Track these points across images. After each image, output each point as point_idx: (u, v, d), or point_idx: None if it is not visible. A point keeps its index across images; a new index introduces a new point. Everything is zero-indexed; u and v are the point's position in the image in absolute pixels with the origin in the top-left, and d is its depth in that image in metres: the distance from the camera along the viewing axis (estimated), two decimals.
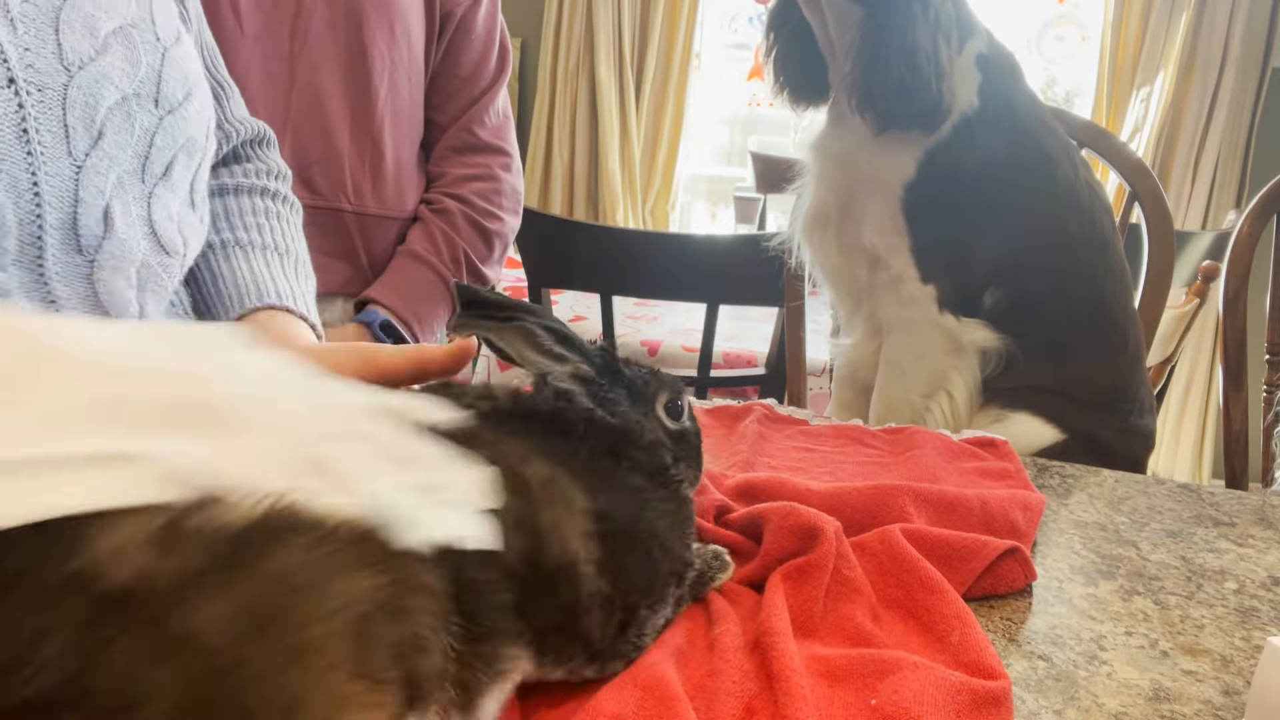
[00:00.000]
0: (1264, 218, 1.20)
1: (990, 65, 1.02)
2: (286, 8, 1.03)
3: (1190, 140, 2.80)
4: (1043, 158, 1.02)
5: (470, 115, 1.18)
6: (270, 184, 0.79)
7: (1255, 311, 1.25)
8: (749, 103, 3.57)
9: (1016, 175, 1.01)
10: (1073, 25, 3.10)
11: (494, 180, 1.19)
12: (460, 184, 1.17)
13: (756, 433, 0.84)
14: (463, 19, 1.15)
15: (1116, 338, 1.05)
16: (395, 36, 1.09)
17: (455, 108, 1.18)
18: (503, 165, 1.20)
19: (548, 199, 3.41)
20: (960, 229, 1.02)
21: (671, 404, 0.51)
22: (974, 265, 1.02)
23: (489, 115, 1.19)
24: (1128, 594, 0.59)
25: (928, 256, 1.02)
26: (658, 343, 1.88)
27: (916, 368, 1.05)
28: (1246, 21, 2.70)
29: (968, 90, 1.00)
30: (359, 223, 1.11)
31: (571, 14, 3.22)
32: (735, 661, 0.43)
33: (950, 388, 1.05)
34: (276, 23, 1.02)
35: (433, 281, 1.12)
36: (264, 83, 1.02)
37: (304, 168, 1.06)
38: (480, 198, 1.17)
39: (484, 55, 1.18)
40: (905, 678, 0.43)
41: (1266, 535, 0.70)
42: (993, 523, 0.62)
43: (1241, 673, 0.51)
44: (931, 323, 1.03)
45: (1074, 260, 1.03)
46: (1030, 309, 1.02)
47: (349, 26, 1.06)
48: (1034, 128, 1.02)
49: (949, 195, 1.00)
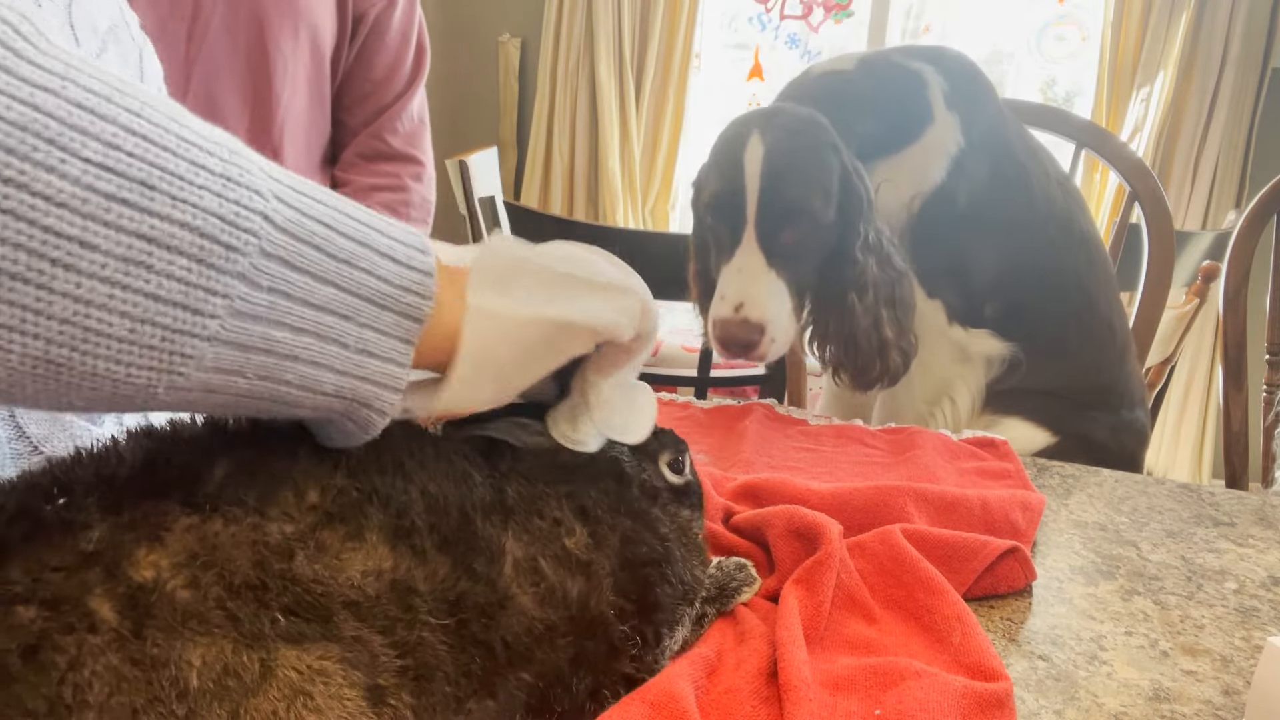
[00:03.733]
0: (1264, 218, 1.20)
1: (959, 96, 0.99)
2: (183, 9, 0.98)
3: (1190, 140, 2.80)
4: (1017, 168, 1.02)
5: (382, 121, 1.15)
6: None
7: (1255, 311, 1.25)
8: (749, 103, 3.57)
9: (998, 193, 1.01)
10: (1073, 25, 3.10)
11: (403, 191, 1.16)
12: (366, 194, 1.13)
13: (757, 433, 0.84)
14: (376, 20, 1.12)
15: (1104, 331, 1.06)
16: (300, 39, 1.05)
17: (366, 112, 1.15)
18: (413, 175, 1.18)
19: (548, 199, 3.41)
20: (957, 251, 1.02)
21: (674, 462, 0.52)
22: (973, 281, 1.03)
23: (402, 121, 1.17)
24: (1128, 594, 0.59)
25: (930, 277, 1.03)
26: (658, 343, 1.88)
27: (923, 378, 1.05)
28: (1246, 21, 2.70)
29: (952, 137, 0.98)
30: None
31: (571, 14, 3.22)
32: (755, 682, 0.44)
33: (954, 394, 1.05)
34: (173, 24, 0.98)
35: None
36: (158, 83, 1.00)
37: None
38: (387, 209, 1.14)
39: (398, 58, 1.15)
40: (909, 687, 0.43)
41: (1266, 535, 0.70)
42: (993, 523, 0.62)
43: (1241, 673, 0.51)
44: (940, 334, 1.04)
45: (1056, 264, 1.03)
46: (1024, 314, 1.03)
47: (250, 29, 1.02)
48: (1007, 140, 1.02)
49: (945, 225, 1.01)
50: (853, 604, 0.52)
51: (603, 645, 0.41)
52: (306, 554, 0.33)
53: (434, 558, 0.36)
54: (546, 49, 3.29)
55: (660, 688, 0.41)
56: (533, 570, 0.39)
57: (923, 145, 0.98)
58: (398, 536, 0.35)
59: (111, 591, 0.29)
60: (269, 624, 0.31)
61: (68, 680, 0.27)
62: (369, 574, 0.34)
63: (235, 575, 0.31)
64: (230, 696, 0.29)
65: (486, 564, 0.37)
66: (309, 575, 0.32)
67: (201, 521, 0.32)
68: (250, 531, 0.32)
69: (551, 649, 0.38)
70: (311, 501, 0.35)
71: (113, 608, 0.29)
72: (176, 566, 0.30)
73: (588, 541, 0.41)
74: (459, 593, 0.36)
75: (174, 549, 0.31)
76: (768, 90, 3.52)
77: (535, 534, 0.40)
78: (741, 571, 0.54)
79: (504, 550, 0.38)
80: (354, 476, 0.37)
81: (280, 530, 0.33)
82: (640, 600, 0.42)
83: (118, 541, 0.30)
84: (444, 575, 0.36)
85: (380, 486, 0.36)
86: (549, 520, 0.41)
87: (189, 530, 0.32)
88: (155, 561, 0.30)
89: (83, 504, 0.31)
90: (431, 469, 0.39)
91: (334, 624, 0.32)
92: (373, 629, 0.33)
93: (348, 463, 0.37)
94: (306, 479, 0.35)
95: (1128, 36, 2.82)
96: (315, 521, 0.34)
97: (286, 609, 0.31)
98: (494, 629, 0.36)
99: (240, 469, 0.35)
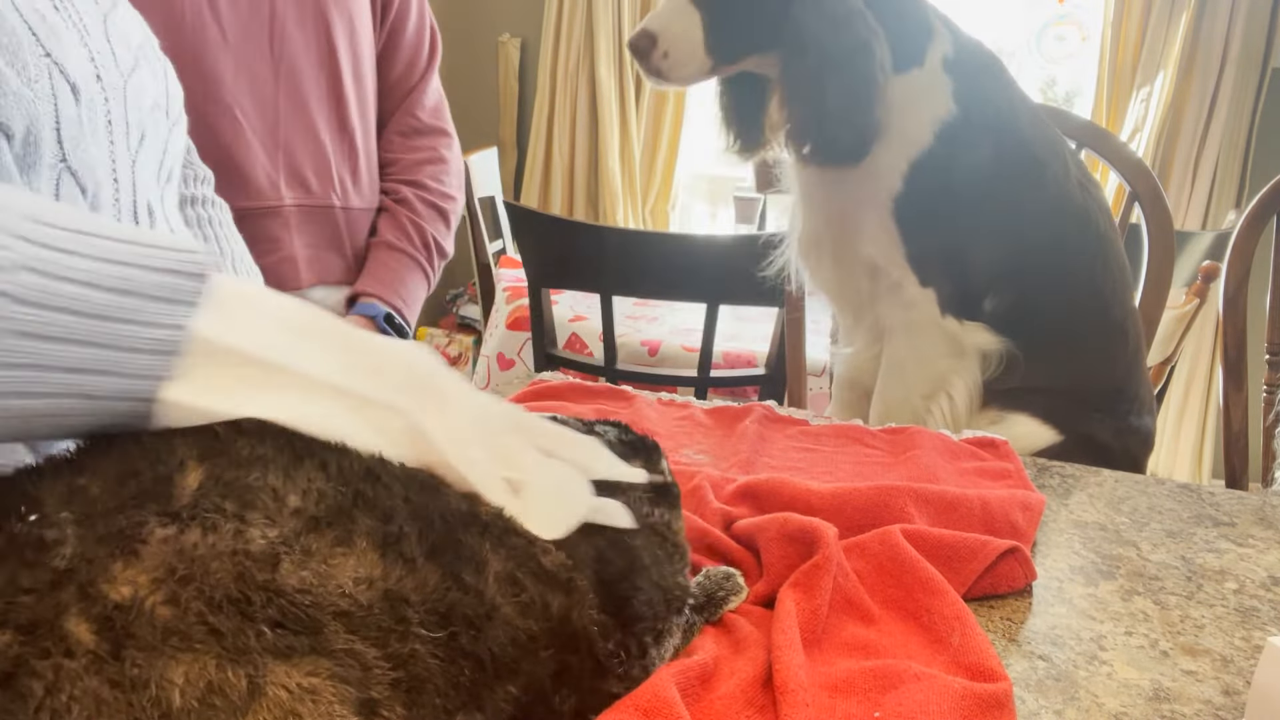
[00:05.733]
0: (1264, 218, 1.20)
1: (961, 67, 1.00)
2: (261, 12, 1.04)
3: (1190, 140, 2.80)
4: (1030, 160, 1.00)
5: (411, 99, 1.24)
6: (199, 190, 0.82)
7: (1255, 311, 1.25)
8: None
9: (1003, 179, 1.00)
10: (1073, 25, 3.10)
11: (443, 162, 1.26)
12: (414, 169, 1.23)
13: (756, 433, 0.84)
14: (400, 7, 1.20)
15: (1116, 335, 1.05)
16: (354, 30, 1.12)
17: (399, 94, 1.24)
18: (446, 145, 1.27)
19: (548, 199, 3.41)
20: (953, 234, 1.01)
21: (650, 464, 0.51)
22: (971, 269, 1.02)
23: (428, 96, 1.26)
24: (1128, 594, 0.59)
25: (924, 262, 1.02)
26: (658, 343, 1.87)
27: (918, 369, 1.05)
28: (1246, 21, 2.70)
29: (942, 98, 0.98)
30: (345, 217, 1.15)
31: (571, 14, 3.22)
32: (750, 690, 0.43)
33: (950, 390, 1.04)
34: (255, 27, 1.03)
35: (410, 268, 1.19)
36: (251, 88, 1.03)
37: (297, 168, 1.08)
38: (434, 180, 1.24)
39: (419, 39, 1.24)
40: (909, 689, 0.43)
41: (1266, 535, 0.70)
42: (993, 523, 0.62)
43: (1241, 673, 0.51)
44: (933, 325, 1.03)
45: (1069, 262, 1.02)
46: (1028, 311, 1.02)
47: (316, 24, 1.08)
48: (1019, 128, 1.01)
49: (938, 202, 1.00)
50: (850, 606, 0.52)
51: (587, 662, 0.40)
52: (292, 560, 0.32)
53: (423, 566, 0.35)
54: (546, 49, 3.29)
55: (651, 693, 0.40)
56: (513, 582, 0.38)
57: (905, 84, 0.98)
58: (387, 543, 0.34)
59: (87, 612, 0.28)
60: (255, 637, 0.30)
61: (45, 706, 0.27)
62: (360, 581, 0.33)
63: (217, 588, 0.30)
64: (217, 717, 0.28)
65: (474, 574, 0.36)
66: (295, 584, 0.31)
67: (179, 533, 0.31)
68: (231, 540, 0.31)
69: (535, 661, 0.38)
70: (294, 505, 0.34)
71: (90, 629, 0.28)
72: (155, 582, 0.30)
73: (564, 561, 0.40)
74: (449, 604, 0.35)
75: (151, 564, 0.30)
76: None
77: (512, 551, 0.39)
78: (729, 580, 0.53)
79: (487, 561, 0.37)
80: (334, 480, 0.35)
81: (264, 536, 0.32)
82: (619, 614, 0.42)
83: (92, 557, 0.29)
84: (434, 585, 0.35)
85: (364, 490, 0.35)
86: (524, 538, 0.40)
87: (165, 542, 0.31)
88: (132, 578, 0.30)
89: (55, 519, 0.30)
90: (404, 478, 0.38)
91: (324, 636, 0.31)
92: (366, 640, 0.32)
93: (324, 468, 0.36)
94: (285, 482, 0.34)
95: (1128, 36, 2.82)
96: (300, 526, 0.33)
97: (273, 621, 0.30)
98: (482, 640, 0.36)
99: (214, 474, 0.33)
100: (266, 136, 1.05)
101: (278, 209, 1.06)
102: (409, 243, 1.18)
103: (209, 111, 1.00)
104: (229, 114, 1.01)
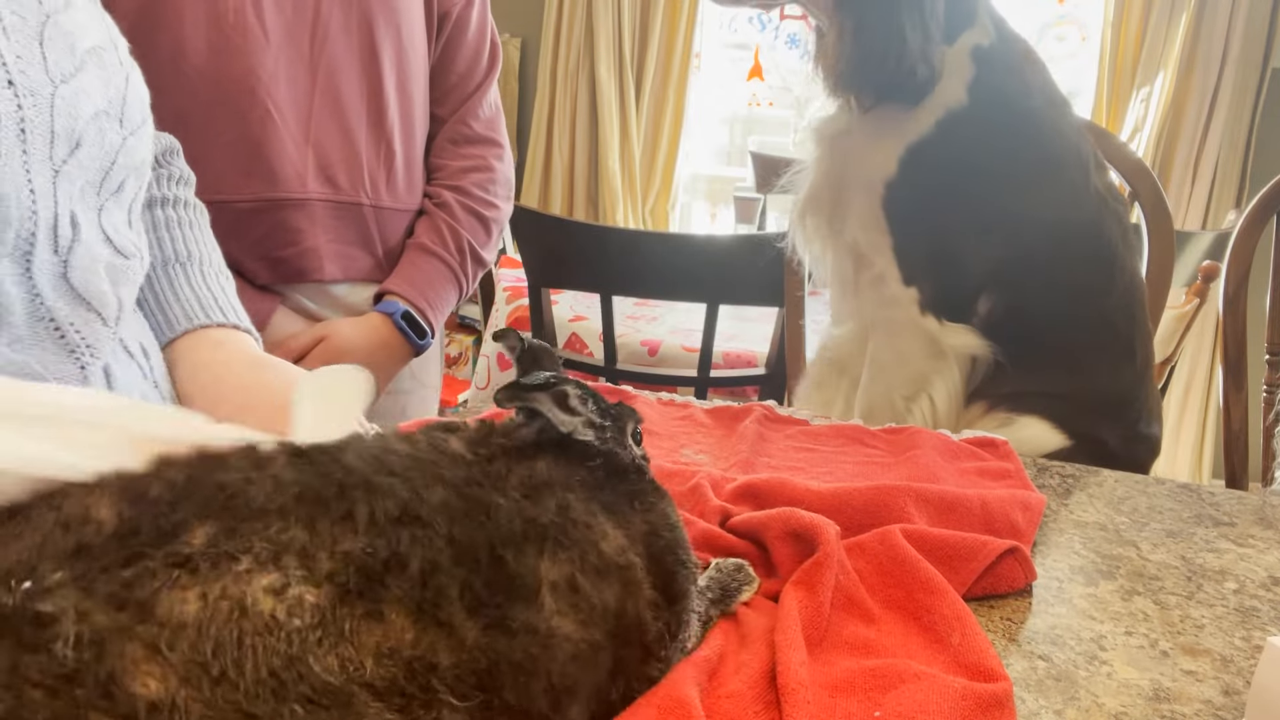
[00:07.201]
0: (1264, 218, 1.20)
1: (990, 60, 0.97)
2: (305, 13, 1.07)
3: (1190, 140, 2.80)
4: (1043, 164, 0.98)
5: (466, 109, 1.25)
6: (174, 191, 0.81)
7: (1255, 311, 1.25)
8: (749, 103, 3.57)
9: (1007, 181, 0.97)
10: (1073, 25, 3.10)
11: (490, 171, 1.26)
12: (459, 176, 1.24)
13: (756, 433, 0.84)
14: (458, 18, 1.22)
15: (1122, 351, 1.03)
16: (401, 38, 1.14)
17: (453, 102, 1.25)
18: (496, 155, 1.28)
19: (548, 199, 3.42)
20: (945, 232, 0.99)
21: (634, 432, 0.50)
22: (963, 269, 1.00)
23: (483, 108, 1.27)
24: (1128, 594, 0.59)
25: (910, 259, 1.00)
26: (658, 343, 1.87)
27: (898, 369, 1.03)
28: (1246, 21, 2.70)
29: (957, 85, 0.96)
30: (376, 215, 1.17)
31: (571, 14, 3.22)
32: (757, 686, 0.43)
33: (931, 392, 1.02)
34: (297, 28, 1.06)
35: (442, 271, 1.20)
36: (289, 87, 1.06)
37: (327, 165, 1.10)
38: (478, 188, 1.24)
39: (477, 52, 1.25)
40: (909, 689, 0.43)
41: (1266, 535, 0.70)
42: (993, 523, 0.62)
43: (1241, 673, 0.51)
44: (912, 324, 1.01)
45: (1072, 274, 1.00)
46: (1026, 318, 1.00)
47: (361, 31, 1.11)
48: (1036, 130, 0.98)
49: (931, 196, 0.98)
50: (851, 605, 0.52)
51: (637, 650, 0.40)
52: (325, 638, 0.30)
53: (462, 624, 0.33)
54: (546, 49, 3.29)
55: (667, 692, 0.40)
56: (573, 589, 0.36)
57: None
58: (421, 610, 0.32)
59: (113, 712, 0.26)
60: (289, 717, 0.28)
61: None
62: (383, 655, 0.31)
63: (247, 674, 0.28)
64: None
65: (525, 607, 0.34)
66: (325, 666, 0.29)
67: (202, 609, 0.28)
68: (257, 618, 0.29)
69: (595, 669, 0.37)
70: (325, 570, 0.31)
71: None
72: (183, 681, 0.27)
73: (622, 542, 0.40)
74: (491, 660, 0.33)
75: (176, 656, 0.27)
76: (768, 90, 3.52)
77: (571, 547, 0.37)
78: (740, 572, 0.53)
79: (541, 581, 0.36)
80: (368, 534, 0.33)
81: (292, 612, 0.30)
82: (667, 590, 0.42)
83: (101, 638, 0.27)
84: (473, 642, 0.32)
85: (400, 546, 0.33)
86: (582, 526, 0.38)
87: (185, 626, 0.28)
88: (159, 674, 0.27)
89: (53, 587, 0.28)
90: (445, 508, 0.35)
91: (353, 708, 0.29)
92: (389, 707, 0.30)
93: (356, 514, 0.33)
94: (312, 538, 0.32)
95: (1128, 36, 2.83)
96: (331, 599, 0.31)
97: (304, 698, 0.28)
98: (537, 679, 0.34)
99: (226, 529, 0.31)
100: (298, 132, 1.07)
101: (302, 202, 1.08)
102: (442, 246, 1.19)
103: (243, 105, 1.03)
104: (261, 107, 1.03)
